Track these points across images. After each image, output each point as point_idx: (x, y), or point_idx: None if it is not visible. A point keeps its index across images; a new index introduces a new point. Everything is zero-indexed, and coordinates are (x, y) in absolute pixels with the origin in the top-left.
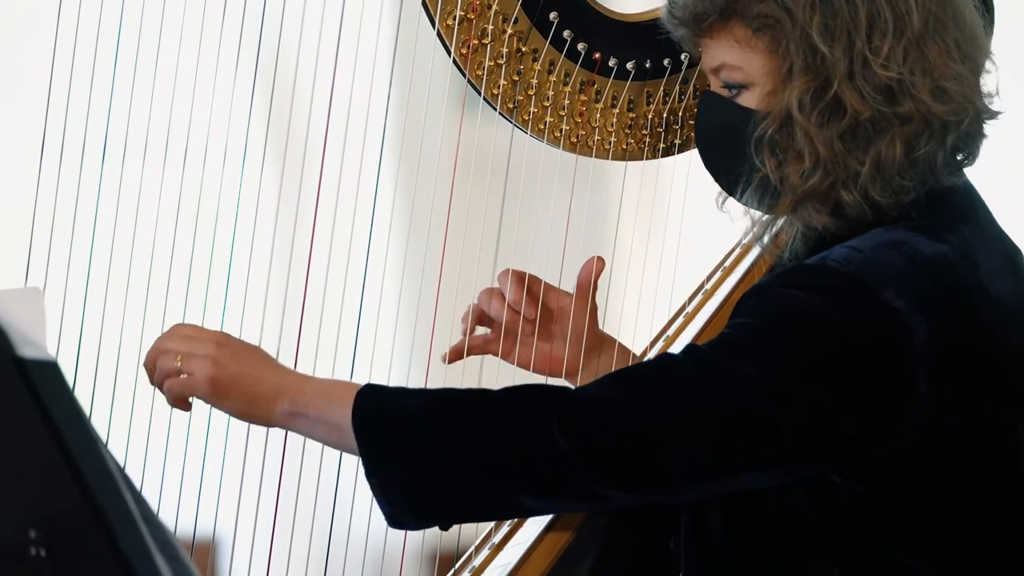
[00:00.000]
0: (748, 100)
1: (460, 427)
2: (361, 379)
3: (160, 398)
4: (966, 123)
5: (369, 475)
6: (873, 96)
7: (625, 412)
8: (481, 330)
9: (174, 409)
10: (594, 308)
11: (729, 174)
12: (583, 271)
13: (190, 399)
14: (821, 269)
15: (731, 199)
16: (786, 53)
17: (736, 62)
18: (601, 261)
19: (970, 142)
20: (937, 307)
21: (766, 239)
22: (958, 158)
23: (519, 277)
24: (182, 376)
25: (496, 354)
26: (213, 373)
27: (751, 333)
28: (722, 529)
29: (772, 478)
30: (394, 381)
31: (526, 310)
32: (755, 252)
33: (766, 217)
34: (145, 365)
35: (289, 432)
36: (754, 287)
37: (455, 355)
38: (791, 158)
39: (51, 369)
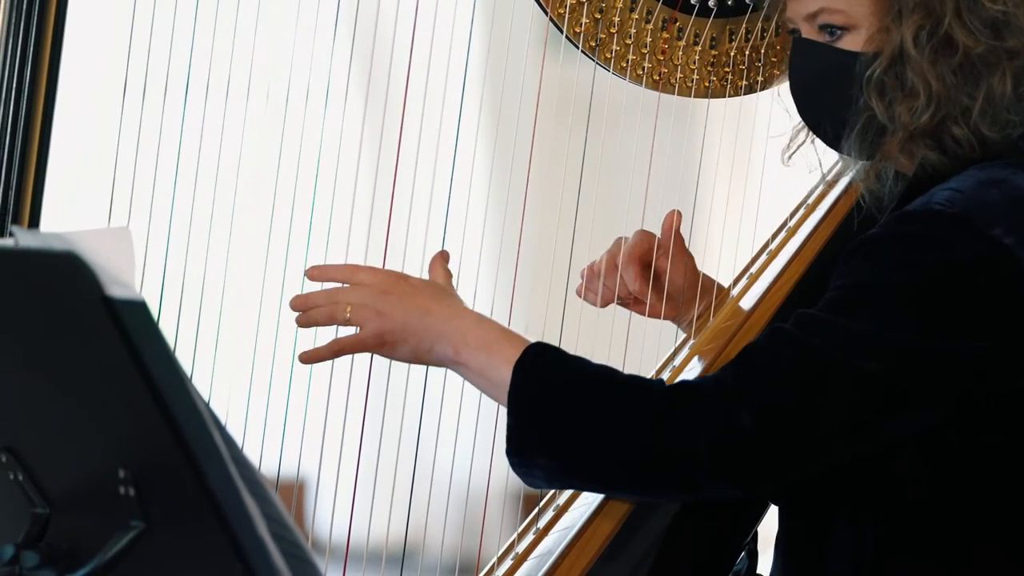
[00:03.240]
0: (848, 43)
1: (610, 427)
2: None
3: (241, 337)
4: None
5: (510, 453)
6: (981, 31)
7: (758, 416)
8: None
9: (267, 351)
10: (691, 259)
11: (834, 121)
12: (664, 228)
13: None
14: (926, 214)
15: (798, 152)
16: None
17: (838, 5)
18: (679, 215)
19: None
20: None
21: (858, 172)
22: None
23: (611, 264)
24: (352, 334)
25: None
26: (380, 328)
27: (864, 289)
28: (828, 487)
29: (905, 428)
30: None
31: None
32: (838, 190)
33: (844, 165)
34: (294, 305)
35: (372, 371)
36: (859, 241)
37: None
38: (902, 96)
39: (140, 308)
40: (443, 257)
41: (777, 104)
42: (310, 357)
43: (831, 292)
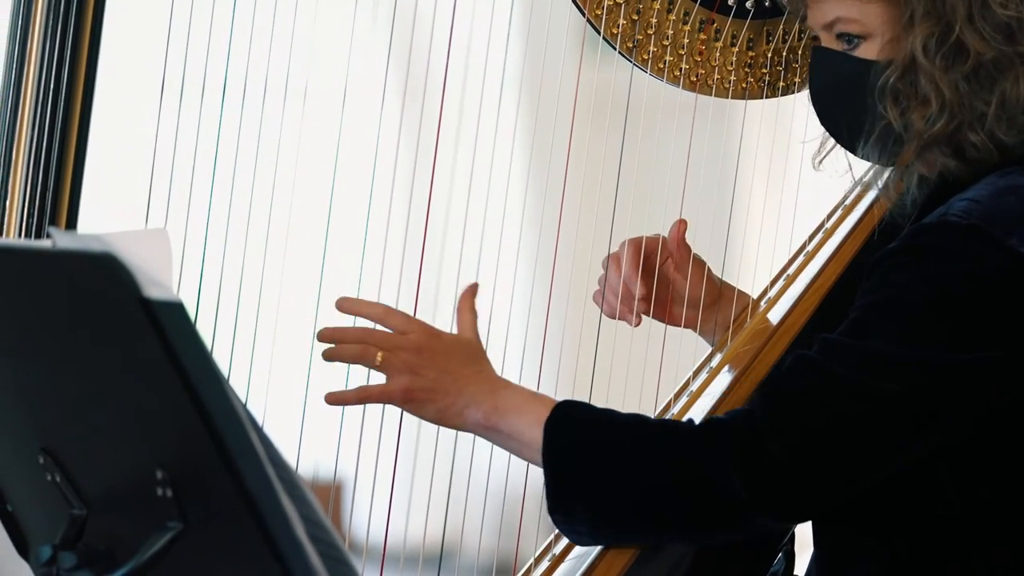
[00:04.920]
0: (866, 52)
1: (646, 473)
2: (482, 326)
3: (278, 338)
4: None
5: (552, 510)
6: (993, 36)
7: (788, 446)
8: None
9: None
10: (704, 267)
11: (851, 128)
12: (671, 238)
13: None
14: (942, 226)
15: (828, 157)
16: (907, 0)
17: (853, 15)
18: (685, 224)
19: None
20: None
21: (881, 185)
22: None
23: (634, 252)
24: (379, 384)
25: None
26: (409, 385)
27: (883, 307)
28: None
29: (935, 443)
30: (515, 320)
31: (635, 287)
32: (874, 192)
33: (878, 169)
34: (323, 337)
35: None
36: (878, 256)
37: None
38: (915, 104)
39: (177, 309)
40: (471, 294)
41: None
42: (335, 399)
43: (853, 312)
